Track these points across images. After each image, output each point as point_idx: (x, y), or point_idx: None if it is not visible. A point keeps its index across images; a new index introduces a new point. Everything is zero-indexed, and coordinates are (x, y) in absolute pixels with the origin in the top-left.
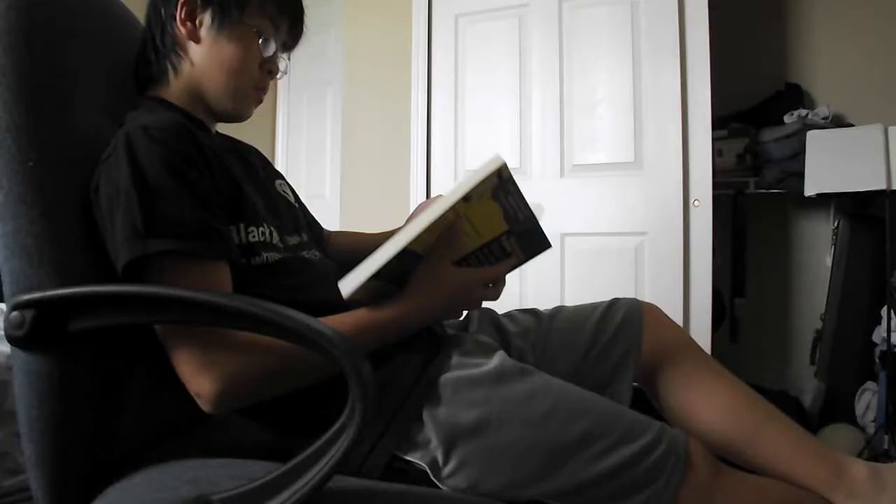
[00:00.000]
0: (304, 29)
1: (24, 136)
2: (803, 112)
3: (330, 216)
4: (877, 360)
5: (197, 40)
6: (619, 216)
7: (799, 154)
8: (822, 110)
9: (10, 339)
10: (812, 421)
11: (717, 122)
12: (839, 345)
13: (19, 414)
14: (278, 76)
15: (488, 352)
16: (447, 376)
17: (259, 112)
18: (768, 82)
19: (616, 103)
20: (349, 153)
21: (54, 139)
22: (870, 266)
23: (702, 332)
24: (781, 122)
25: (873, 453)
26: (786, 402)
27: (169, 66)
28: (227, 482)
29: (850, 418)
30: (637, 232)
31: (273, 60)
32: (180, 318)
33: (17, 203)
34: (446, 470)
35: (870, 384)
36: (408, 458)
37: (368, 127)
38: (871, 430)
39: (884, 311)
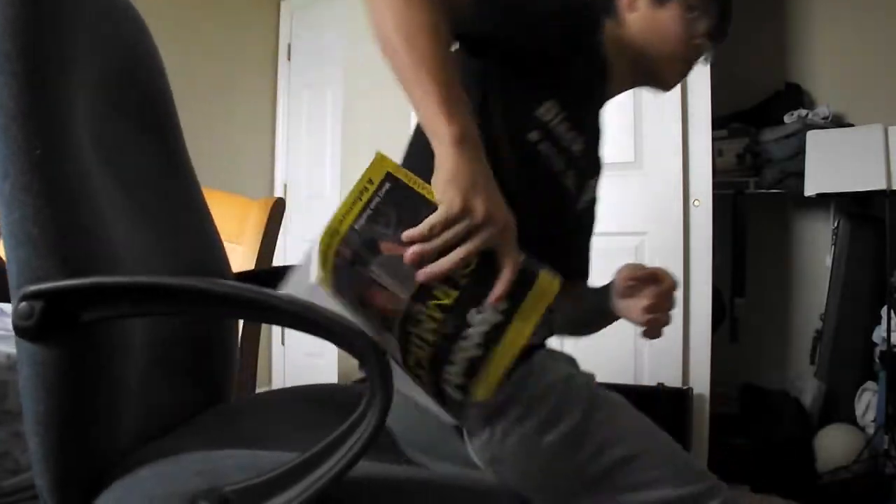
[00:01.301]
0: (730, 25)
1: (30, 124)
2: (803, 112)
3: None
4: (877, 360)
5: (634, 10)
6: (619, 216)
7: (799, 154)
8: (822, 110)
9: (18, 331)
10: (812, 421)
11: (717, 122)
12: (839, 345)
13: (25, 408)
14: (703, 59)
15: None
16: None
17: (259, 112)
18: (768, 82)
19: (616, 103)
20: (349, 153)
21: (60, 128)
22: (870, 266)
23: (702, 332)
24: (781, 122)
25: (873, 453)
26: (786, 402)
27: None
28: (237, 473)
29: (850, 418)
30: (637, 232)
31: (701, 40)
32: (195, 311)
33: (24, 191)
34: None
35: (870, 384)
36: None
37: (369, 127)
38: (871, 430)
39: (884, 311)
